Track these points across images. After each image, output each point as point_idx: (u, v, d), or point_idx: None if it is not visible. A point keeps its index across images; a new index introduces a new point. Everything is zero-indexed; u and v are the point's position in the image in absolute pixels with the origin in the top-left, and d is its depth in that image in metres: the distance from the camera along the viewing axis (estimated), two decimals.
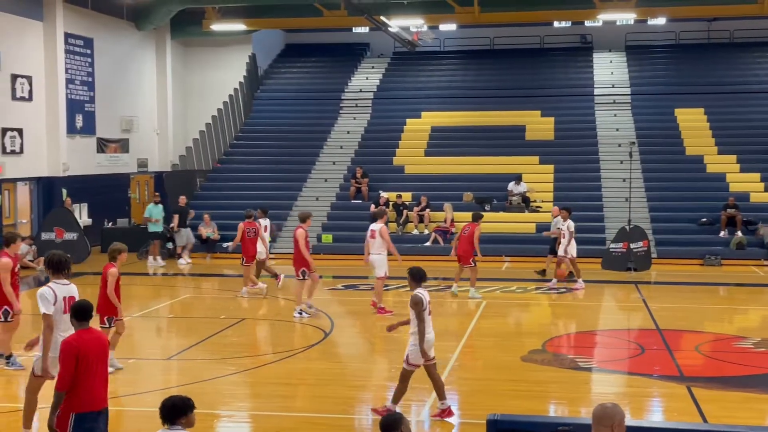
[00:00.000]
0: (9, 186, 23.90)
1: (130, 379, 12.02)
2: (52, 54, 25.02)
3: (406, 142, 30.55)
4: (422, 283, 9.86)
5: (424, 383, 11.83)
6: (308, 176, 29.23)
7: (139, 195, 30.54)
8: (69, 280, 9.02)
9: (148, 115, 30.81)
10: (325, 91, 33.96)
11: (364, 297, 19.12)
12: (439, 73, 35.14)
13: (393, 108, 32.50)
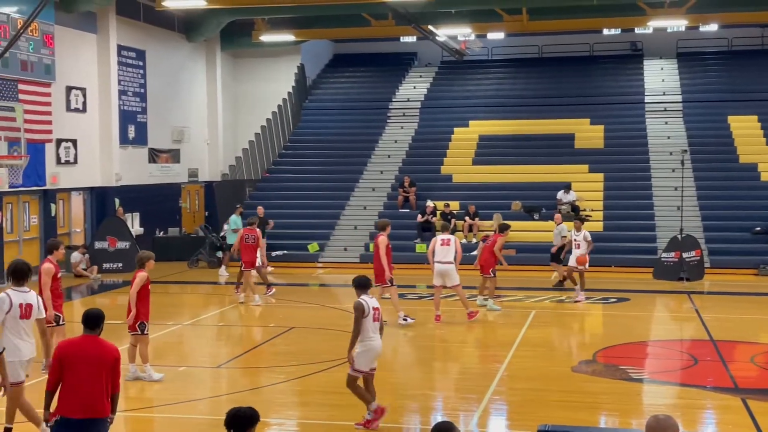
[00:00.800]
0: (63, 196, 24.35)
1: (181, 387, 12.15)
2: (105, 66, 25.47)
3: (453, 151, 30.49)
4: (366, 290, 9.97)
5: (473, 393, 11.77)
6: (356, 185, 29.32)
7: (190, 204, 30.91)
8: (29, 288, 9.21)
9: (198, 125, 31.20)
10: (372, 100, 34.07)
11: (411, 306, 19.11)
12: (487, 81, 35.04)
13: (440, 117, 32.48)
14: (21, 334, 8.96)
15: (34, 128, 21.87)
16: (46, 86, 22.90)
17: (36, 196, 23.18)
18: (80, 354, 7.23)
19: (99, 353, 7.26)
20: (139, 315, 11.99)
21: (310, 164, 31.05)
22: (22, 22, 20.61)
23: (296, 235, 26.49)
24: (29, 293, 9.15)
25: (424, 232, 25.97)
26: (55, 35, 23.14)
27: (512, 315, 17.96)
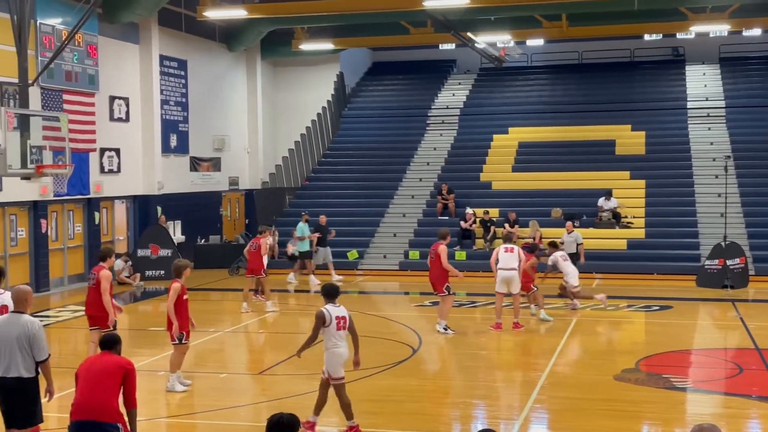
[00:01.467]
0: (107, 204, 24.69)
1: (223, 394, 12.24)
2: (147, 76, 25.80)
3: (493, 158, 30.39)
4: (333, 299, 10.02)
5: (514, 401, 11.71)
6: (395, 193, 29.34)
7: (230, 212, 31.16)
8: (3, 290, 9.45)
9: (239, 134, 31.46)
10: (411, 108, 34.10)
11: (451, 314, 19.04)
12: (526, 88, 34.89)
13: (480, 124, 32.40)
14: None
15: (78, 138, 22.22)
16: (90, 96, 23.26)
17: (80, 204, 23.53)
18: (88, 366, 7.62)
19: (105, 363, 7.57)
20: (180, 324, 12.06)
21: (349, 172, 31.14)
22: (66, 33, 20.96)
23: (335, 243, 26.51)
24: (3, 294, 9.37)
25: (463, 240, 25.90)
26: (99, 46, 23.51)
27: (553, 323, 17.82)
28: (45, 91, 21.46)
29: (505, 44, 31.71)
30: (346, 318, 9.99)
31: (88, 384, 7.47)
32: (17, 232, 21.18)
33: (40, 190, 21.40)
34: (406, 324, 16.95)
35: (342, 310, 10.02)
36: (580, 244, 20.89)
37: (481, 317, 18.75)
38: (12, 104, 19.55)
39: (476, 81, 35.85)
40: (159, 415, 11.13)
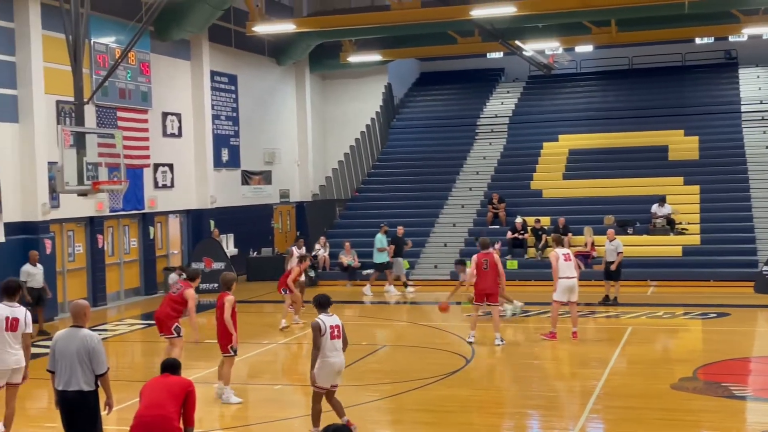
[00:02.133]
0: (161, 218, 25.06)
1: (277, 405, 12.32)
2: (199, 91, 26.17)
3: (543, 166, 30.20)
4: (325, 309, 10.14)
5: (569, 411, 11.59)
6: (445, 203, 29.30)
7: (282, 225, 31.40)
8: (19, 304, 9.89)
9: (289, 147, 31.73)
10: (460, 117, 34.06)
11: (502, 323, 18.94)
12: (576, 95, 34.63)
13: (529, 132, 32.24)
14: (4, 345, 9.66)
15: (132, 154, 22.61)
16: (144, 113, 23.68)
17: (135, 219, 23.92)
18: (152, 384, 7.97)
19: (168, 382, 7.90)
20: (231, 337, 12.18)
21: (399, 182, 31.19)
22: (119, 51, 21.37)
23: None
24: (18, 308, 9.81)
25: (514, 249, 25.75)
26: (151, 63, 23.92)
27: (608, 332, 17.63)
28: (100, 108, 21.90)
29: (554, 51, 31.48)
30: (340, 327, 10.14)
31: (151, 401, 7.71)
32: (74, 247, 21.60)
33: (97, 206, 21.81)
34: (458, 334, 16.89)
35: (335, 319, 10.18)
36: (620, 253, 20.52)
37: (534, 327, 18.60)
38: (68, 122, 19.97)
39: (525, 89, 35.68)
40: (214, 427, 11.24)
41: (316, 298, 10.40)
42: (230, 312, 12.05)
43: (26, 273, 17.94)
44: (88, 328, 8.62)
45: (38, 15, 19.77)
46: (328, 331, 9.99)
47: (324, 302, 10.26)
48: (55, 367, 8.39)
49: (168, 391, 7.79)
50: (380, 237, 23.87)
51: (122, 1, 22.41)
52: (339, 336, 10.10)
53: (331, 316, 10.17)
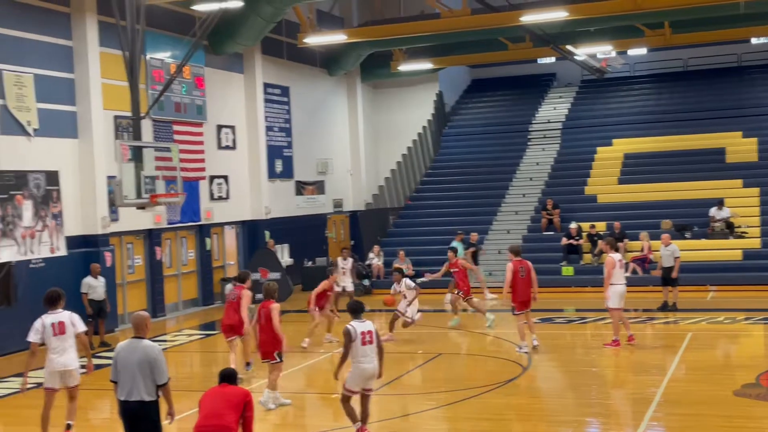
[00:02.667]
0: (217, 230, 25.39)
1: (334, 414, 12.38)
2: (252, 104, 26.47)
3: (597, 171, 29.90)
4: (358, 315, 10.41)
5: (629, 418, 11.44)
6: (498, 209, 29.18)
7: (336, 234, 31.56)
8: (61, 310, 10.88)
9: (341, 156, 31.91)
10: (512, 123, 33.92)
11: (559, 330, 18.82)
12: (630, 98, 34.25)
13: (583, 137, 31.95)
14: (54, 349, 10.65)
15: (188, 167, 22.94)
16: (199, 126, 24.03)
17: (192, 231, 24.27)
18: (212, 394, 8.16)
19: (227, 392, 8.08)
20: (279, 343, 12.42)
21: (452, 190, 31.15)
22: (174, 66, 21.75)
23: (440, 261, 26.47)
24: (61, 313, 10.82)
25: (569, 255, 25.53)
26: (206, 77, 24.28)
27: (667, 338, 17.37)
28: (156, 123, 22.29)
29: (607, 55, 31.22)
30: (372, 332, 10.31)
31: (210, 411, 7.87)
32: (134, 260, 22.00)
33: (155, 219, 22.17)
34: (515, 342, 16.78)
35: (367, 325, 10.36)
36: (677, 258, 20.11)
37: (591, 334, 18.42)
38: (126, 137, 20.36)
39: (577, 93, 35.40)
40: None
41: (349, 305, 10.75)
42: (278, 319, 12.37)
43: (88, 285, 18.32)
44: (148, 339, 8.79)
45: (96, 32, 20.21)
46: (359, 337, 10.21)
47: (356, 309, 10.53)
48: (118, 378, 8.56)
49: (227, 401, 7.93)
50: (455, 244, 23.57)
51: (176, 17, 22.81)
52: (371, 342, 10.29)
53: (363, 322, 10.39)
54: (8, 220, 17.95)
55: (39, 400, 11.09)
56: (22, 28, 18.69)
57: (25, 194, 18.40)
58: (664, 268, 20.35)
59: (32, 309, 18.14)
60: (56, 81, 19.55)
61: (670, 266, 20.10)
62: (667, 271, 20.21)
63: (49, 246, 18.99)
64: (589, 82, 35.64)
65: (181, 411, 10.67)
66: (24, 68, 18.61)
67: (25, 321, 17.92)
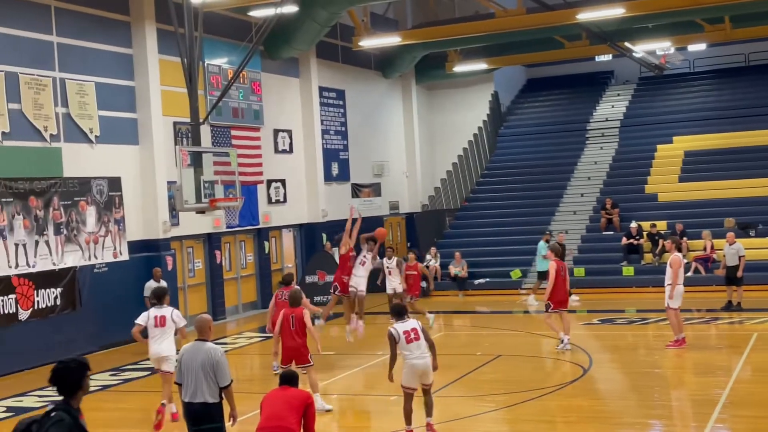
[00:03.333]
0: (275, 233, 25.61)
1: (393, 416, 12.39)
2: (308, 107, 26.65)
3: (657, 169, 29.43)
4: (401, 317, 10.70)
5: (693, 421, 11.24)
6: (556, 209, 28.91)
7: (392, 236, 31.58)
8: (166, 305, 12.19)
9: (397, 158, 31.94)
10: (569, 122, 33.59)
11: (621, 331, 18.58)
12: (690, 95, 33.66)
13: (642, 135, 31.49)
14: (154, 338, 12.07)
15: (246, 171, 23.18)
16: (256, 130, 24.28)
17: (251, 235, 24.53)
18: (273, 397, 8.26)
19: (289, 395, 8.16)
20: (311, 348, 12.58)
21: (508, 191, 30.96)
22: (232, 72, 22.01)
23: (498, 262, 26.45)
24: (165, 308, 12.13)
25: (629, 255, 25.17)
26: (262, 82, 24.53)
27: (732, 338, 17.02)
28: (214, 128, 22.58)
29: (665, 51, 30.70)
30: (417, 329, 10.60)
31: (272, 413, 7.95)
32: (194, 263, 22.31)
33: (214, 223, 22.47)
34: (575, 343, 16.61)
35: (411, 323, 10.68)
36: (742, 256, 19.71)
37: (652, 335, 18.15)
38: (185, 143, 20.68)
39: (636, 91, 34.91)
40: None
41: (392, 308, 11.26)
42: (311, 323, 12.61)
43: (149, 289, 18.62)
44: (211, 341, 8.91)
45: (155, 41, 20.56)
46: (402, 337, 10.50)
47: (399, 311, 10.89)
48: (182, 380, 8.70)
49: (288, 403, 7.99)
50: (542, 245, 23.05)
51: (233, 24, 23.09)
52: (417, 338, 10.54)
53: (405, 322, 10.69)
54: (72, 226, 18.37)
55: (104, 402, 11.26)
56: (84, 37, 19.10)
57: (88, 200, 18.81)
58: (728, 267, 19.96)
59: (96, 313, 18.64)
60: (117, 89, 19.94)
61: (734, 265, 19.71)
62: (731, 270, 19.81)
63: (112, 251, 19.39)
64: (647, 79, 35.12)
65: (243, 413, 10.77)
66: (86, 77, 19.02)
67: (90, 325, 18.49)
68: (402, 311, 10.89)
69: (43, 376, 13.99)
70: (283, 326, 12.47)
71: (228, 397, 8.72)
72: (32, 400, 14.32)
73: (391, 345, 10.58)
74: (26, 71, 17.51)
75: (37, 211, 17.46)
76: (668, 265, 15.94)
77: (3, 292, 16.53)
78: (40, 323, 17.32)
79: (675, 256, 15.99)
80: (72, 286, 18.11)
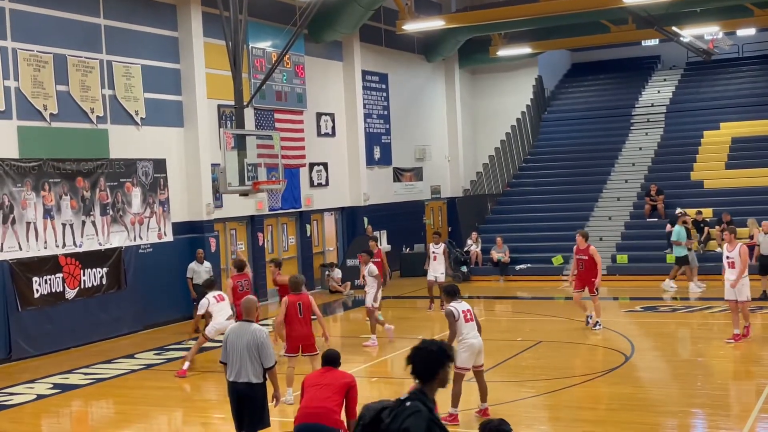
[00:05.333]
0: (317, 216, 25.73)
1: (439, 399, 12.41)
2: (351, 91, 26.67)
3: (704, 156, 29.00)
4: (455, 298, 10.95)
5: (737, 410, 11.11)
6: (599, 195, 28.63)
7: (433, 221, 31.57)
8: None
9: (439, 143, 31.86)
10: (614, 108, 33.21)
11: (664, 319, 18.42)
12: (738, 80, 33.07)
13: (688, 120, 31.04)
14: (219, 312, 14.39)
15: (289, 154, 23.31)
16: (299, 114, 24.37)
17: (293, 218, 24.66)
18: (316, 378, 8.24)
19: (331, 376, 8.13)
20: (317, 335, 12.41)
21: (551, 176, 30.74)
22: (276, 55, 22.08)
23: (540, 248, 26.29)
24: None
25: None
26: (306, 65, 24.58)
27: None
28: (258, 111, 22.70)
29: (714, 36, 30.17)
30: (471, 311, 10.93)
31: (316, 393, 7.98)
32: (236, 245, 22.51)
33: (257, 205, 22.63)
34: (617, 330, 16.50)
35: (464, 304, 10.98)
36: None
37: (697, 323, 17.95)
38: (229, 125, 20.84)
39: (683, 76, 34.40)
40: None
41: (445, 288, 11.29)
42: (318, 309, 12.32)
43: (192, 270, 18.87)
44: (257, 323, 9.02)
45: (200, 24, 20.71)
46: (461, 316, 10.77)
47: (453, 292, 11.05)
48: (227, 359, 8.81)
49: (330, 384, 8.03)
50: (678, 229, 22.02)
51: (278, 7, 23.16)
52: (472, 319, 10.87)
53: (460, 302, 10.96)
54: (118, 207, 18.63)
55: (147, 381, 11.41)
56: (130, 20, 19.30)
57: (134, 181, 19.06)
58: (762, 255, 19.52)
59: (141, 292, 18.91)
60: (162, 71, 20.13)
61: None
62: (765, 258, 19.39)
63: (157, 232, 19.64)
64: (695, 65, 34.58)
65: (285, 395, 10.88)
66: (132, 59, 19.23)
67: (135, 304, 18.77)
68: (455, 292, 11.05)
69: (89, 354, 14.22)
70: (289, 313, 11.83)
71: (272, 377, 8.82)
72: (78, 378, 14.62)
73: (451, 322, 10.78)
74: (74, 53, 17.75)
75: (83, 192, 17.73)
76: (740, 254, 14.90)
77: (50, 271, 16.84)
78: (87, 302, 17.62)
79: (743, 245, 15.12)
80: (117, 266, 18.38)
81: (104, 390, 13.79)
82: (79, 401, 13.38)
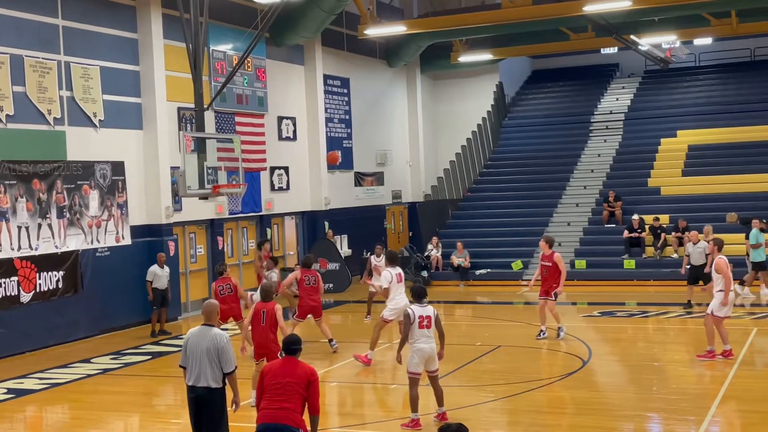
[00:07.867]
0: (277, 220, 25.64)
1: (393, 404, 12.44)
2: (313, 95, 26.63)
3: (661, 163, 29.41)
4: (420, 300, 10.84)
5: (691, 414, 11.28)
6: (558, 201, 28.90)
7: (394, 225, 31.62)
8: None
9: (400, 148, 31.94)
10: (573, 114, 33.56)
11: (621, 324, 18.62)
12: (695, 89, 33.61)
13: (646, 128, 31.46)
14: None
15: (250, 158, 23.21)
16: (260, 117, 24.27)
17: (253, 221, 24.55)
18: (274, 370, 7.99)
19: (290, 370, 7.91)
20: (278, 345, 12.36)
21: (511, 182, 30.96)
22: (237, 58, 21.99)
23: (500, 253, 26.47)
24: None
25: (631, 248, 25.18)
26: (267, 69, 24.49)
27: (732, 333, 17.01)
28: (218, 114, 22.57)
29: (671, 45, 30.65)
30: (431, 317, 10.75)
31: (275, 390, 7.83)
32: (196, 249, 22.34)
33: (216, 209, 22.48)
34: (574, 335, 16.65)
35: (428, 309, 10.81)
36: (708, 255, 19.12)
37: (652, 328, 18.19)
38: (189, 128, 20.69)
39: (641, 84, 34.87)
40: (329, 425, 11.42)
41: (412, 289, 11.11)
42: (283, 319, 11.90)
43: (153, 274, 18.68)
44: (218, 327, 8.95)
45: (160, 25, 20.54)
46: (417, 320, 10.65)
47: (419, 293, 10.94)
48: (186, 363, 8.73)
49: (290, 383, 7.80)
50: (755, 232, 20.71)
51: (239, 10, 23.05)
52: (429, 326, 10.73)
53: (425, 307, 10.82)
54: (75, 210, 18.40)
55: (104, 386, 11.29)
56: (89, 21, 19.08)
57: (91, 184, 18.83)
58: (692, 266, 19.45)
59: (98, 296, 18.68)
60: (121, 73, 19.93)
61: (701, 264, 19.12)
62: (695, 269, 19.31)
63: (115, 235, 19.42)
64: (652, 73, 35.07)
65: (246, 399, 10.82)
66: (90, 60, 19.02)
67: (92, 308, 18.53)
68: (423, 294, 10.96)
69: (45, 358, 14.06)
70: (254, 321, 11.80)
71: (232, 382, 8.76)
72: (33, 383, 14.40)
73: (405, 324, 10.73)
74: (31, 54, 17.52)
75: (40, 194, 17.49)
76: (714, 271, 14.07)
77: (5, 274, 16.58)
78: (42, 306, 17.37)
79: (720, 259, 14.08)
80: (74, 270, 18.15)
81: (60, 395, 13.60)
82: (34, 406, 13.18)
